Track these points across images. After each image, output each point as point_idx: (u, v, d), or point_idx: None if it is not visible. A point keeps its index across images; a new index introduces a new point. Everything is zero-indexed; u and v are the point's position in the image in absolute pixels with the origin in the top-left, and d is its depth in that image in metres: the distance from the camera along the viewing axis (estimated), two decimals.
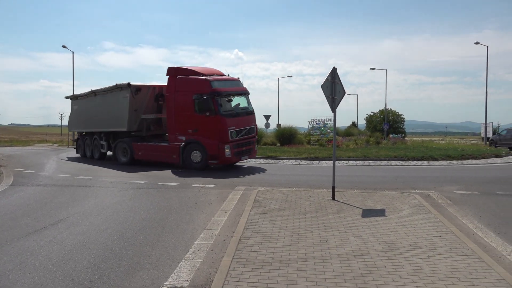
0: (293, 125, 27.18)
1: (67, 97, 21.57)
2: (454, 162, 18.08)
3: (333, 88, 8.64)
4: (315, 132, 26.78)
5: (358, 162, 17.81)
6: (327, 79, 8.62)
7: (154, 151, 15.60)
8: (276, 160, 18.32)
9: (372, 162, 17.72)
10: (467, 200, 9.09)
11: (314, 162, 17.82)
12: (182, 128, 14.49)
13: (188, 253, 5.32)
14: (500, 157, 20.94)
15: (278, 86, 50.45)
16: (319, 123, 26.91)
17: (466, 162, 18.23)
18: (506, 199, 9.35)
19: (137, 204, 8.56)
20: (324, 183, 11.03)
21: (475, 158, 19.48)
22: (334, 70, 8.68)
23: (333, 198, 8.70)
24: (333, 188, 8.84)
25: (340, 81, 8.72)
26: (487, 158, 20.30)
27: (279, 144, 25.40)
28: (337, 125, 10.21)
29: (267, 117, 32.42)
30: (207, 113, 13.90)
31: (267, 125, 32.44)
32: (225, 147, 13.86)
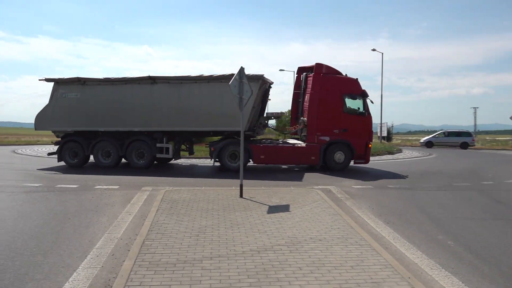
0: None
1: (48, 80, 14.56)
2: None
3: (240, 88, 8.76)
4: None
5: None
6: (235, 78, 8.72)
7: (284, 153, 14.05)
8: (186, 160, 18.08)
9: None
10: (363, 194, 9.86)
11: None
12: (326, 128, 14.10)
13: (85, 260, 4.98)
14: (392, 154, 23.24)
15: None
16: None
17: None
18: (395, 192, 10.34)
19: (30, 210, 7.81)
20: (233, 181, 11.14)
21: (371, 155, 21.29)
22: (241, 69, 8.81)
23: (241, 196, 8.83)
24: (241, 186, 8.97)
25: (247, 80, 8.87)
26: (381, 155, 22.40)
27: None
28: None
29: None
30: (358, 113, 14.09)
31: None
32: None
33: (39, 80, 14.65)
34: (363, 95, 14.22)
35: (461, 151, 29.81)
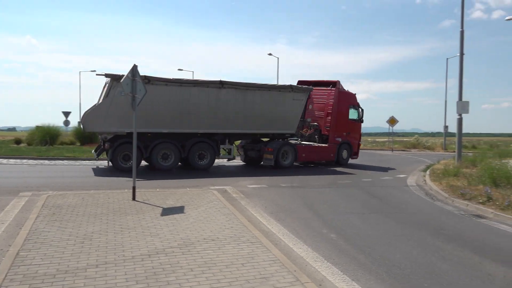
0: None
1: (108, 75, 13.02)
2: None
3: (133, 86, 8.41)
4: None
5: None
6: (127, 76, 8.35)
7: (316, 151, 17.40)
8: (74, 161, 16.79)
9: None
10: (257, 193, 10.19)
11: None
12: (339, 131, 17.81)
13: None
14: None
15: (80, 80, 46.32)
16: None
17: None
18: (287, 191, 10.88)
19: None
20: (127, 183, 10.65)
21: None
22: (134, 67, 8.46)
23: (134, 198, 8.48)
24: (134, 188, 8.61)
25: (140, 79, 8.55)
26: None
27: (79, 144, 23.38)
28: None
29: (66, 114, 29.42)
30: (356, 120, 18.56)
31: (67, 122, 29.45)
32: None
33: (97, 74, 13.46)
34: (359, 106, 18.73)
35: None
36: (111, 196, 8.84)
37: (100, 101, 13.30)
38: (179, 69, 46.60)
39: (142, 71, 8.83)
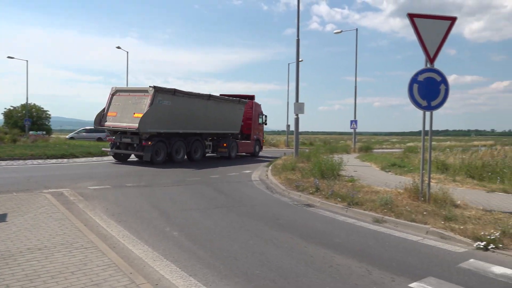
0: None
1: (157, 88, 16.79)
2: (94, 158, 18.71)
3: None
4: None
5: None
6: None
7: (246, 146, 23.55)
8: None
9: (4, 162, 15.75)
10: (98, 195, 9.56)
11: None
12: (255, 132, 24.20)
13: None
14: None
15: None
16: None
17: (106, 158, 19.25)
18: (133, 190, 10.49)
19: None
20: None
21: None
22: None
23: None
24: None
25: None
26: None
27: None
28: None
29: None
30: (261, 123, 25.02)
31: None
32: None
33: (152, 87, 16.62)
34: (263, 113, 25.34)
35: None
36: None
37: (147, 108, 16.42)
38: (9, 57, 40.46)
39: None
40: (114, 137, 17.47)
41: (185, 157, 18.87)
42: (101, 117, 17.43)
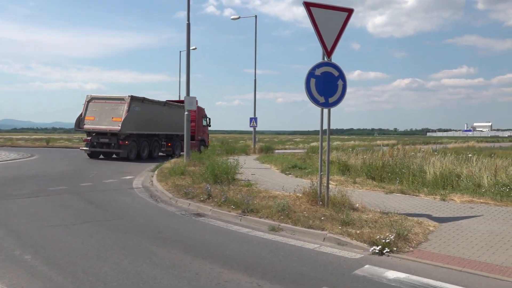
0: None
1: (132, 97, 23.02)
2: None
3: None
4: None
5: None
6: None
7: (192, 146, 23.16)
8: None
9: None
10: None
11: None
12: (199, 133, 29.81)
13: None
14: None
15: None
16: None
17: None
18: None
19: None
20: None
21: None
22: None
23: None
24: None
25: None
26: None
27: None
28: None
29: None
30: (205, 125, 31.37)
31: None
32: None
33: (129, 96, 22.86)
34: (206, 116, 31.17)
35: (67, 151, 31.15)
36: None
37: (125, 113, 22.29)
38: None
39: None
40: (90, 138, 22.90)
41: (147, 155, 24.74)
42: (79, 121, 22.83)
